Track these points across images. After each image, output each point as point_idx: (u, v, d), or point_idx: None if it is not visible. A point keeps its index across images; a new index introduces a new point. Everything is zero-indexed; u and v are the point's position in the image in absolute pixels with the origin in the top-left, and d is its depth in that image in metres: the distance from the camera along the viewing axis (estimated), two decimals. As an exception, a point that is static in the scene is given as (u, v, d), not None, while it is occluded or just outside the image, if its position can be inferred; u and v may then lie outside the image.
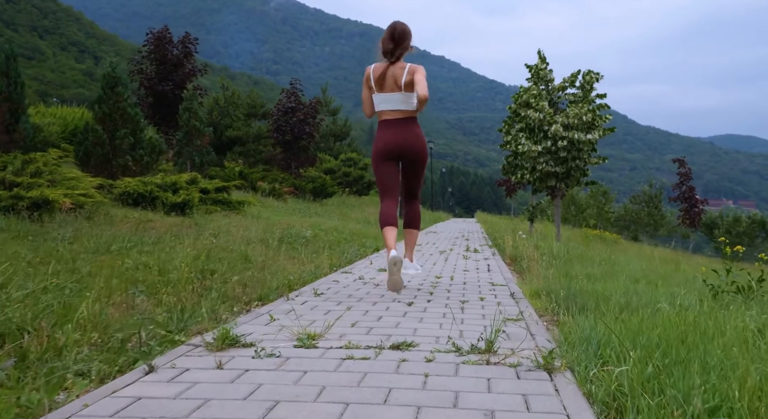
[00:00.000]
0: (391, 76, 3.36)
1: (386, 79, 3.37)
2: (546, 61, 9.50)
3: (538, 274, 4.22)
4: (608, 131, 8.91)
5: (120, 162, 10.32)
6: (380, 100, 3.42)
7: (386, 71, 3.37)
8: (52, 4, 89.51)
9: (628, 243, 17.03)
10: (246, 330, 2.33)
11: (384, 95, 3.40)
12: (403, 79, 3.32)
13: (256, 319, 2.57)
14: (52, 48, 75.55)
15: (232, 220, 7.95)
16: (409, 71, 3.32)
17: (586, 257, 5.66)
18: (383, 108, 3.42)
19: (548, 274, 4.12)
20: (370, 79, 3.41)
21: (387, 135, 3.43)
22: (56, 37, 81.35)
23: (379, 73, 3.38)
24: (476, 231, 13.22)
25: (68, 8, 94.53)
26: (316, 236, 7.30)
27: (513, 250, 5.90)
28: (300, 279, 3.92)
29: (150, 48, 15.28)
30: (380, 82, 3.38)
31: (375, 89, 3.40)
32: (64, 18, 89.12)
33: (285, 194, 14.61)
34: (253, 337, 2.18)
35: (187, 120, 13.44)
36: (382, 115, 3.45)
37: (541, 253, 5.67)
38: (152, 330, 2.22)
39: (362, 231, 8.81)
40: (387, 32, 3.42)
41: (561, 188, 9.46)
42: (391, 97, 3.38)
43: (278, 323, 2.46)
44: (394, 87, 3.36)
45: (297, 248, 5.83)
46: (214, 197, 8.72)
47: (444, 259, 5.70)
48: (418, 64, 3.38)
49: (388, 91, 3.38)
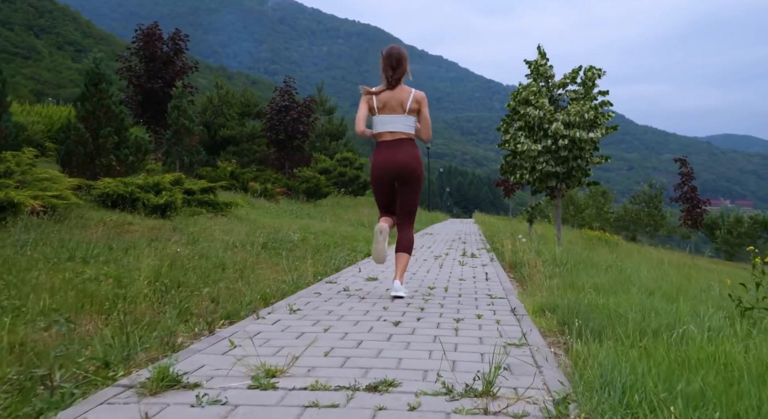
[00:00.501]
0: (394, 99, 3.45)
1: (390, 101, 3.45)
2: (546, 56, 9.13)
3: (541, 284, 3.85)
4: (611, 129, 8.55)
5: (103, 162, 9.92)
6: (383, 122, 3.48)
7: (389, 94, 3.46)
8: (48, 3, 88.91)
9: (630, 245, 16.70)
10: (196, 362, 1.95)
11: (386, 117, 3.47)
12: (409, 105, 3.45)
13: (213, 345, 2.19)
14: (49, 47, 74.95)
15: (217, 222, 7.57)
16: (415, 99, 3.46)
17: (590, 263, 5.29)
18: (384, 129, 3.48)
19: (552, 285, 3.75)
20: (372, 100, 3.48)
21: (385, 155, 3.49)
22: (52, 37, 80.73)
23: (382, 98, 3.46)
24: (474, 233, 12.86)
25: (65, 7, 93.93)
26: (304, 240, 6.93)
27: (512, 255, 5.54)
28: (278, 291, 3.54)
29: (139, 45, 14.85)
30: (383, 105, 3.46)
31: (376, 111, 3.48)
32: (60, 17, 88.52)
33: (277, 194, 14.21)
34: (201, 373, 1.80)
35: (176, 118, 13.04)
36: (382, 135, 3.51)
37: (543, 259, 5.30)
38: (83, 363, 1.84)
39: (354, 234, 8.43)
40: (385, 59, 3.49)
41: (562, 189, 9.09)
42: (394, 119, 3.46)
43: (238, 351, 2.08)
44: (399, 110, 3.45)
45: (281, 254, 5.45)
46: (199, 199, 8.34)
47: (439, 265, 5.33)
48: (419, 91, 3.50)
49: (390, 113, 3.46)
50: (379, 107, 3.46)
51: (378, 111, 3.47)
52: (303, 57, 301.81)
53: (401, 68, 3.46)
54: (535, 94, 8.84)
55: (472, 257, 6.22)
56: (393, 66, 3.45)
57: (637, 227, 26.39)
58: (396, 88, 3.46)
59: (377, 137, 3.53)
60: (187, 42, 15.55)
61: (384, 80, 3.48)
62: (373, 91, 3.49)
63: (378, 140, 3.54)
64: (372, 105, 3.48)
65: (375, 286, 3.92)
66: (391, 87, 3.46)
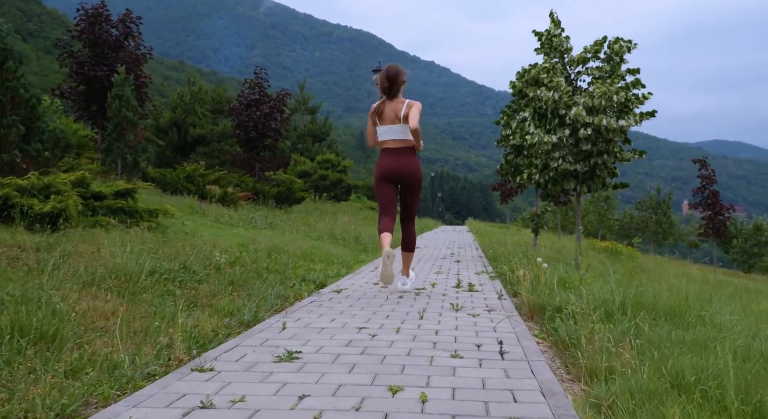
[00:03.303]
0: (392, 110, 3.95)
1: (388, 113, 3.96)
2: (560, 25, 7.24)
3: (606, 370, 1.89)
4: (647, 115, 6.64)
5: (5, 158, 7.93)
6: (383, 131, 4.00)
7: (387, 106, 3.98)
8: (36, 7, 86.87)
9: (649, 257, 14.80)
10: None
11: (386, 127, 3.98)
12: (402, 113, 3.90)
13: None
14: (36, 51, 72.66)
15: (127, 237, 5.53)
16: (407, 106, 3.90)
17: (657, 309, 3.35)
18: (385, 138, 3.99)
19: (630, 378, 1.80)
20: (375, 113, 4.00)
21: (387, 161, 3.98)
22: (40, 41, 78.53)
23: (381, 109, 3.98)
24: (468, 245, 10.91)
25: (53, 11, 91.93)
26: (235, 262, 4.94)
27: (533, 293, 3.58)
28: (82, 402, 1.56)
29: (82, 26, 12.82)
30: (382, 116, 3.98)
31: (378, 122, 4.00)
32: (48, 21, 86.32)
33: (240, 200, 12.20)
34: None
35: (118, 110, 11.02)
36: (384, 144, 4.01)
37: (579, 296, 3.35)
38: None
39: (313, 251, 6.45)
40: (383, 74, 4.01)
41: (582, 192, 7.17)
42: (391, 128, 3.96)
43: None
44: (395, 119, 3.93)
45: (171, 292, 3.47)
46: (110, 205, 6.31)
47: (418, 312, 3.35)
48: (415, 101, 3.92)
49: (389, 123, 3.96)
50: (381, 118, 3.96)
51: (380, 122, 3.97)
52: (295, 62, 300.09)
53: (397, 81, 3.94)
54: (548, 71, 6.94)
55: (470, 290, 4.26)
56: (390, 79, 3.93)
57: (645, 235, 24.48)
58: (393, 100, 3.95)
59: (381, 145, 4.00)
60: (139, 24, 13.53)
61: (383, 94, 3.98)
62: (375, 106, 3.99)
63: (381, 148, 4.01)
64: (375, 118, 3.98)
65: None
66: (389, 99, 3.95)
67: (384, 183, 3.95)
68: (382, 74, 3.98)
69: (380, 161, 3.98)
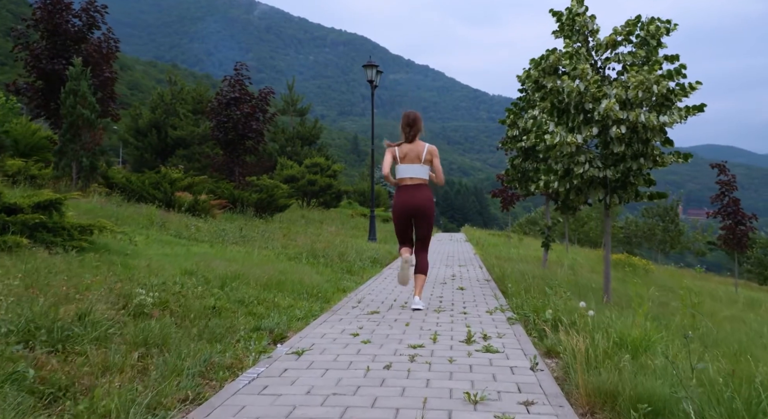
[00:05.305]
0: (413, 151, 4.48)
1: (409, 154, 4.48)
2: (584, 2, 6.02)
3: None
4: (695, 109, 5.41)
5: None
6: (403, 169, 4.51)
7: (408, 148, 4.49)
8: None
9: (661, 268, 13.61)
10: None
11: (406, 166, 4.50)
12: (424, 157, 4.48)
13: None
14: (24, 53, 70.75)
15: (34, 264, 4.22)
16: (429, 151, 4.50)
17: None
18: (404, 175, 4.51)
19: None
20: (395, 152, 4.52)
21: (405, 197, 4.49)
22: (29, 43, 76.48)
23: (402, 149, 4.50)
24: (470, 261, 9.65)
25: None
26: (166, 303, 3.65)
27: (592, 372, 2.32)
28: None
29: (39, 15, 11.52)
30: (404, 156, 4.48)
31: (399, 161, 4.50)
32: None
33: (214, 209, 10.89)
34: None
35: (72, 107, 9.70)
36: (403, 180, 4.52)
37: (664, 374, 2.11)
38: None
39: (285, 277, 5.15)
40: (403, 119, 4.54)
41: (612, 204, 5.92)
42: (412, 167, 4.48)
43: None
44: (416, 160, 4.48)
45: (26, 374, 2.18)
46: (25, 220, 5.00)
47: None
48: (432, 145, 4.55)
49: (410, 162, 4.48)
50: (401, 157, 4.49)
51: (400, 161, 4.51)
52: (289, 66, 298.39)
53: (416, 127, 4.51)
54: (571, 57, 5.70)
55: (487, 351, 2.99)
56: (410, 124, 4.51)
57: (651, 243, 23.30)
58: (413, 143, 4.51)
59: (399, 182, 4.55)
60: (104, 14, 12.23)
61: (403, 136, 4.54)
62: (395, 145, 4.54)
63: (400, 184, 4.55)
64: (395, 155, 4.51)
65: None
66: (409, 141, 4.51)
67: (401, 217, 4.52)
68: (402, 120, 4.53)
69: (398, 198, 4.51)
